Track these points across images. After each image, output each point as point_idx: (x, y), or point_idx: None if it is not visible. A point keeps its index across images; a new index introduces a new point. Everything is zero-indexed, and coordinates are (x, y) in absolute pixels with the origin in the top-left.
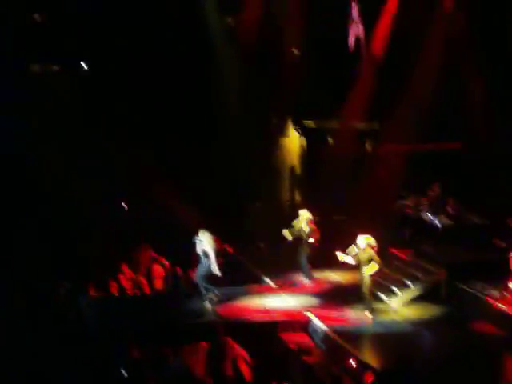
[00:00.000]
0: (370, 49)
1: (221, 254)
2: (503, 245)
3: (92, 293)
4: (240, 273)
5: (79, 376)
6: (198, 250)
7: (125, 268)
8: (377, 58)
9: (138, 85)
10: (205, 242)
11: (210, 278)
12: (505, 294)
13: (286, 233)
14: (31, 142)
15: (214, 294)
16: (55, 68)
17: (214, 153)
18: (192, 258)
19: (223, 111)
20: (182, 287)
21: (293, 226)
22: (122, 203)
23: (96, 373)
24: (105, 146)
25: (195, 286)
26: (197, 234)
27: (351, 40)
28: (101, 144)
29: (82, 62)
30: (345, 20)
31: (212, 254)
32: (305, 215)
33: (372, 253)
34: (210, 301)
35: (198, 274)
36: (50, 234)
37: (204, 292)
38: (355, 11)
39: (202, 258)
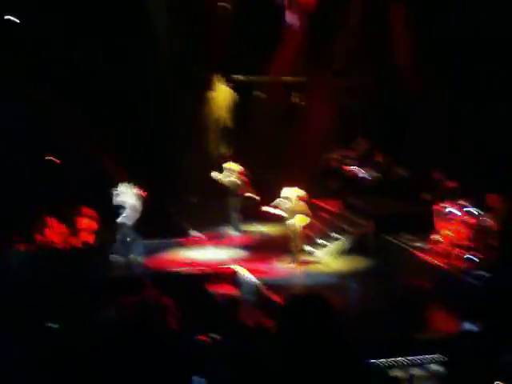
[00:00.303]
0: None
1: (144, 206)
2: (428, 197)
3: (19, 246)
4: (169, 225)
5: (9, 331)
6: (117, 201)
7: (53, 221)
8: (305, 11)
9: (71, 36)
10: (124, 194)
11: (136, 230)
12: (429, 245)
13: (215, 174)
14: None
15: (135, 246)
16: None
17: (141, 106)
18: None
19: (151, 65)
20: (110, 241)
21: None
22: (50, 158)
23: (25, 327)
24: (35, 98)
25: (118, 238)
26: (116, 185)
27: None
28: (32, 97)
29: (10, 16)
30: None
31: (130, 206)
32: (235, 168)
33: (302, 205)
34: (133, 252)
35: (119, 226)
36: None
37: (126, 243)
38: None
39: (122, 209)
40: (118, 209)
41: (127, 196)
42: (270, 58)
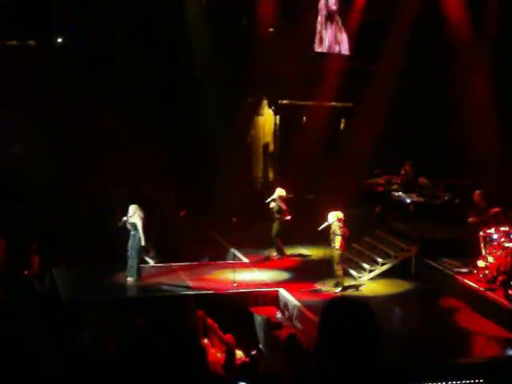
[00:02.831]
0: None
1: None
2: (473, 222)
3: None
4: (212, 247)
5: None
6: (129, 223)
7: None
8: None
9: (111, 60)
10: (133, 216)
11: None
12: (473, 270)
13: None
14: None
15: (140, 269)
16: (31, 42)
17: (188, 130)
18: None
19: (199, 89)
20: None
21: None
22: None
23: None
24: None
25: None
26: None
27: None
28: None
29: (57, 38)
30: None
31: (140, 226)
32: (278, 192)
33: (338, 225)
34: (138, 274)
35: (129, 248)
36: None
37: (133, 265)
38: None
39: (132, 231)
40: (130, 231)
41: (135, 217)
42: (316, 83)
